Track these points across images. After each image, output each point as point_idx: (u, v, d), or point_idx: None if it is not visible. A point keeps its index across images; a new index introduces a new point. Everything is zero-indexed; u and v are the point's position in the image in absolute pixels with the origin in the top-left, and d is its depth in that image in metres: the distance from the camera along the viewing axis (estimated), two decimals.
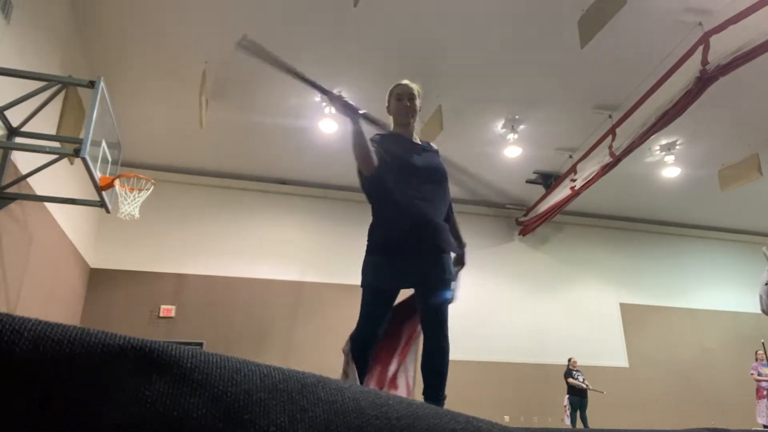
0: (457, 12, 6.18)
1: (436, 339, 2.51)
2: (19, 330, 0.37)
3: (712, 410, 10.89)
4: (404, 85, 2.76)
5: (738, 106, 7.75)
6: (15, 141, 4.80)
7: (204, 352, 0.43)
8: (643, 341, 11.38)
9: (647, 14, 6.11)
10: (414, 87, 2.75)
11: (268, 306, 9.53)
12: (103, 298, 8.84)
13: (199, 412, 0.38)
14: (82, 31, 6.45)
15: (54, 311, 7.07)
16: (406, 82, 2.78)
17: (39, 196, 5.53)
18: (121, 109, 6.64)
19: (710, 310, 12.19)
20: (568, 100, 7.91)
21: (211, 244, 9.71)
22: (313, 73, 8.41)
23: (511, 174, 9.85)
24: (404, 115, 2.73)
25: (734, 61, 5.74)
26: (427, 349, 2.51)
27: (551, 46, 6.68)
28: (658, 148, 9.00)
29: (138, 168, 8.25)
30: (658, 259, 12.32)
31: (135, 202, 6.33)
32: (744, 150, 8.66)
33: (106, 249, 9.13)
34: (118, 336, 0.40)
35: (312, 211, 10.36)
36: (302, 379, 0.43)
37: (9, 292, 5.37)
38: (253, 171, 10.07)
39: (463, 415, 0.46)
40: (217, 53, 6.81)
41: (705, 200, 10.95)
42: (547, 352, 10.47)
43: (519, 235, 11.42)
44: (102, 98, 4.56)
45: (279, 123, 8.32)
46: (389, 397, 0.46)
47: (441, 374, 2.48)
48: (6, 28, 4.64)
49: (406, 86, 2.75)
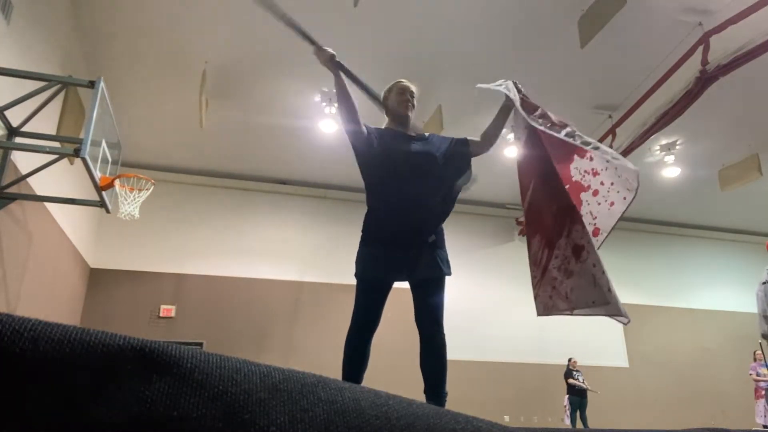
0: (457, 12, 6.18)
1: (432, 336, 2.52)
2: (19, 330, 0.37)
3: (712, 410, 10.89)
4: (407, 84, 2.84)
5: (738, 106, 7.75)
6: (15, 141, 4.80)
7: (204, 352, 0.43)
8: (643, 341, 11.38)
9: (647, 14, 6.10)
10: (414, 87, 2.84)
11: (268, 306, 9.53)
12: (103, 298, 8.84)
13: (199, 412, 0.38)
14: (82, 31, 6.45)
15: (54, 311, 7.07)
16: (407, 82, 2.84)
17: (39, 196, 5.53)
18: (121, 109, 6.65)
19: (710, 310, 12.19)
20: (568, 100, 7.90)
21: (211, 244, 9.71)
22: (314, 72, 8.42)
23: (511, 174, 9.82)
24: (405, 107, 2.78)
25: (734, 61, 5.74)
26: (423, 346, 2.52)
27: (551, 46, 6.68)
28: (658, 148, 8.99)
29: (138, 168, 8.25)
30: (658, 259, 12.32)
31: (135, 202, 6.33)
32: (744, 150, 8.66)
33: (106, 249, 9.13)
34: (118, 336, 0.40)
35: (312, 211, 10.37)
36: (302, 379, 0.43)
37: (9, 292, 5.36)
38: (253, 171, 10.07)
39: (463, 415, 0.47)
40: (217, 53, 6.81)
41: (705, 200, 10.95)
42: (547, 352, 10.47)
43: (519, 235, 11.41)
44: (102, 98, 4.56)
45: (279, 123, 8.32)
46: (389, 397, 0.46)
47: (440, 373, 2.49)
48: (6, 28, 4.64)
49: (409, 85, 2.84)
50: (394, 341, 6.88)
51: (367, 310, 2.54)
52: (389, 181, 2.58)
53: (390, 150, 2.62)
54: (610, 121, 7.99)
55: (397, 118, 2.79)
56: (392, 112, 2.82)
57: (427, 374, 2.50)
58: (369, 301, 2.55)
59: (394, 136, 2.71)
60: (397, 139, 2.69)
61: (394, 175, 2.58)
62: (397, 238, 2.51)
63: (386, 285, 2.58)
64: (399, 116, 2.78)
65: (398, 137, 2.70)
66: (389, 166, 2.59)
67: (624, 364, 11.10)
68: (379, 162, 2.60)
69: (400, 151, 2.62)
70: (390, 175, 2.58)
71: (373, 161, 2.62)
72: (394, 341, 6.88)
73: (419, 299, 2.56)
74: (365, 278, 2.56)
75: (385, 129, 2.78)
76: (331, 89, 7.57)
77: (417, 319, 2.55)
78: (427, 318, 2.53)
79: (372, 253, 2.56)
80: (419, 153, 2.65)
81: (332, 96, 7.67)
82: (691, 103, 6.45)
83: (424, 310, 2.54)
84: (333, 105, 7.68)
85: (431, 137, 2.80)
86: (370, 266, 2.54)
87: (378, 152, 2.61)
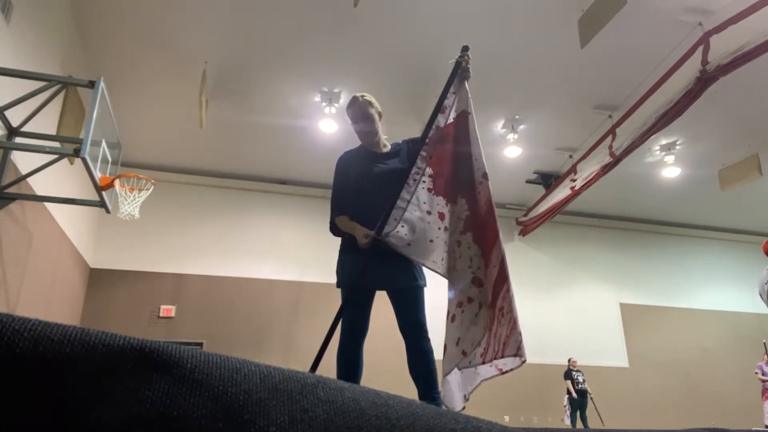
0: (457, 12, 6.18)
1: (414, 343, 2.54)
2: (19, 330, 0.37)
3: (712, 410, 10.88)
4: (354, 106, 2.77)
5: (738, 106, 7.75)
6: (15, 141, 4.80)
7: (204, 352, 0.43)
8: (643, 341, 11.39)
9: (647, 14, 6.11)
10: (362, 100, 2.76)
11: (268, 306, 9.53)
12: (103, 298, 8.84)
13: (199, 412, 0.38)
14: (82, 31, 6.45)
15: (54, 311, 7.07)
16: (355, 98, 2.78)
17: (39, 196, 5.53)
18: (121, 109, 6.65)
19: (710, 310, 12.19)
20: (568, 100, 7.91)
21: (211, 244, 9.71)
22: (314, 72, 8.41)
23: (511, 174, 9.85)
24: (363, 138, 2.80)
25: (734, 61, 5.74)
26: (409, 354, 2.54)
27: (551, 46, 6.68)
28: (658, 148, 9.00)
29: (138, 168, 8.26)
30: (658, 259, 12.32)
31: (135, 202, 6.33)
32: (744, 150, 8.66)
33: (106, 249, 9.13)
34: (118, 336, 0.40)
35: (312, 211, 10.36)
36: (302, 379, 0.43)
37: (9, 292, 5.37)
38: (253, 171, 10.07)
39: (463, 415, 0.47)
40: (217, 53, 6.82)
41: (705, 200, 10.95)
42: (547, 352, 10.46)
43: (519, 235, 11.42)
44: (102, 98, 4.56)
45: (279, 123, 8.33)
46: (389, 397, 0.46)
47: (428, 379, 2.51)
48: (6, 28, 4.64)
49: (356, 105, 2.76)
50: (392, 343, 6.88)
51: (353, 318, 2.57)
52: (358, 195, 2.65)
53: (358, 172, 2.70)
54: (610, 121, 7.99)
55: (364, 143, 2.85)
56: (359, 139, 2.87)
57: (416, 380, 2.53)
58: (354, 309, 2.56)
59: (363, 156, 2.77)
60: (365, 159, 2.75)
61: (358, 192, 2.65)
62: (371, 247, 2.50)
63: (368, 293, 2.60)
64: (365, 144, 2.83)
65: (366, 158, 2.76)
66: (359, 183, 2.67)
67: (624, 364, 11.10)
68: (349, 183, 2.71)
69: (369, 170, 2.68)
70: (360, 191, 2.65)
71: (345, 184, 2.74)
72: (392, 343, 6.87)
73: (398, 308, 2.59)
74: (345, 287, 2.59)
75: (356, 150, 2.84)
76: (331, 89, 7.58)
77: (400, 328, 2.58)
78: (407, 326, 2.56)
79: (350, 261, 2.59)
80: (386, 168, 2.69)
81: (332, 96, 7.67)
82: (691, 103, 6.45)
83: (403, 319, 2.57)
84: (333, 106, 7.68)
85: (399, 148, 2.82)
86: (348, 275, 2.57)
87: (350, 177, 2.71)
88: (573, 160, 9.12)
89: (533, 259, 11.47)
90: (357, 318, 2.57)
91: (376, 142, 2.80)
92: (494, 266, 2.40)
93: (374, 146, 2.80)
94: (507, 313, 2.32)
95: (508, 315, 2.31)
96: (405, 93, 7.45)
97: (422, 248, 2.41)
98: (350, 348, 2.55)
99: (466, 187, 2.53)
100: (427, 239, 2.43)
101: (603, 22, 5.50)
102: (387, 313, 2.64)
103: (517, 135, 8.46)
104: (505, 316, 2.33)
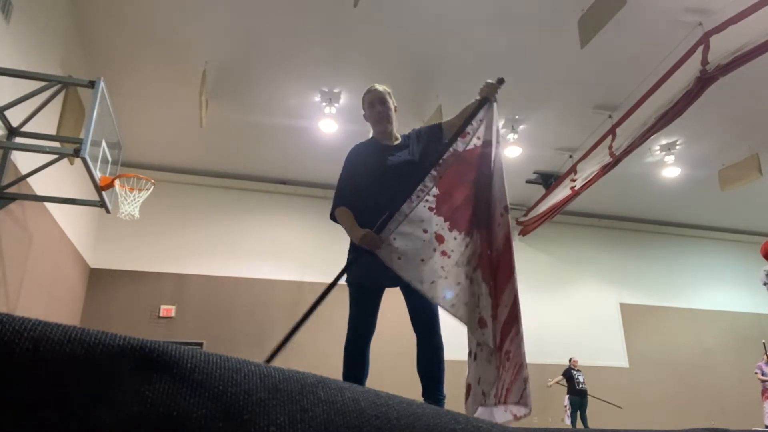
0: (457, 12, 6.18)
1: (425, 340, 2.52)
2: (19, 330, 0.37)
3: (712, 410, 10.88)
4: (373, 91, 2.79)
5: (738, 106, 7.75)
6: (15, 141, 4.80)
7: (204, 352, 0.43)
8: (643, 341, 11.38)
9: (647, 14, 6.10)
10: (382, 89, 2.79)
11: (268, 306, 9.53)
12: (103, 298, 8.84)
13: (199, 412, 0.38)
14: (82, 31, 6.45)
15: (54, 311, 7.07)
16: (374, 87, 2.80)
17: (39, 196, 5.53)
18: (121, 109, 6.65)
19: (710, 310, 12.19)
20: (568, 100, 7.91)
21: (211, 244, 9.71)
22: (314, 73, 8.42)
23: (511, 174, 9.85)
24: (378, 122, 2.77)
25: (734, 61, 5.74)
26: (419, 350, 2.53)
27: (551, 46, 6.68)
28: (658, 148, 9.00)
29: (138, 168, 8.25)
30: (658, 259, 12.32)
31: (135, 202, 6.33)
32: (744, 150, 8.66)
33: (106, 249, 9.13)
34: (118, 336, 0.40)
35: (312, 211, 10.35)
36: (302, 379, 0.43)
37: (9, 292, 5.36)
38: (253, 171, 10.07)
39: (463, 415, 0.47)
40: (217, 53, 6.81)
41: (705, 200, 10.95)
42: (547, 352, 10.45)
43: (519, 235, 11.41)
44: (102, 98, 4.56)
45: (279, 123, 8.33)
46: (389, 397, 0.46)
47: (436, 376, 2.49)
48: (6, 28, 4.63)
49: (375, 91, 2.79)
50: (395, 343, 6.88)
51: (361, 316, 2.55)
52: (368, 189, 2.60)
53: (371, 164, 2.66)
54: (610, 121, 7.99)
55: (376, 132, 2.82)
56: (371, 126, 2.84)
57: (423, 377, 2.51)
58: (361, 307, 2.55)
59: (376, 148, 2.74)
60: (378, 151, 2.72)
61: (371, 186, 2.60)
62: None
63: (376, 290, 2.58)
64: (377, 131, 2.80)
65: (379, 150, 2.73)
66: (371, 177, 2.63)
67: (624, 364, 11.10)
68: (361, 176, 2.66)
69: (382, 162, 2.65)
70: (373, 184, 2.61)
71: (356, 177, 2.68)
72: (396, 343, 6.88)
73: (410, 304, 2.56)
74: (354, 284, 2.58)
75: (368, 142, 2.81)
76: (331, 89, 7.58)
77: (412, 323, 2.56)
78: (419, 322, 2.54)
79: (358, 258, 2.55)
80: (399, 160, 2.67)
81: (332, 96, 7.67)
82: (691, 103, 6.45)
83: (415, 314, 2.55)
84: (333, 106, 7.68)
85: (409, 139, 2.80)
86: (357, 272, 2.54)
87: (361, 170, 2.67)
88: (573, 160, 9.12)
89: (533, 259, 11.46)
90: (365, 315, 2.56)
91: (389, 132, 2.77)
92: (505, 306, 2.27)
93: (387, 137, 2.77)
94: (513, 357, 2.19)
95: (514, 359, 2.19)
96: (405, 93, 7.44)
97: (412, 266, 2.30)
98: (357, 345, 2.52)
99: (482, 220, 2.43)
100: (418, 257, 2.31)
101: (603, 23, 5.50)
102: (388, 314, 2.64)
103: (517, 135, 8.46)
104: (510, 360, 2.20)
